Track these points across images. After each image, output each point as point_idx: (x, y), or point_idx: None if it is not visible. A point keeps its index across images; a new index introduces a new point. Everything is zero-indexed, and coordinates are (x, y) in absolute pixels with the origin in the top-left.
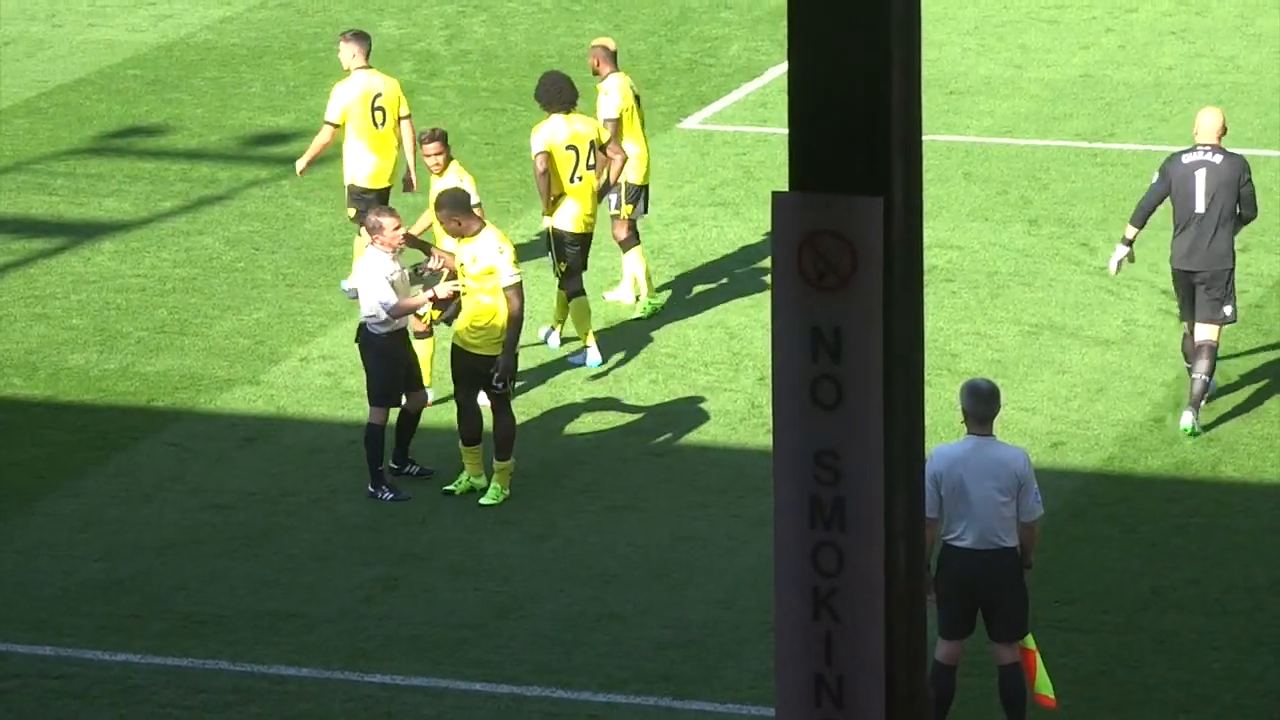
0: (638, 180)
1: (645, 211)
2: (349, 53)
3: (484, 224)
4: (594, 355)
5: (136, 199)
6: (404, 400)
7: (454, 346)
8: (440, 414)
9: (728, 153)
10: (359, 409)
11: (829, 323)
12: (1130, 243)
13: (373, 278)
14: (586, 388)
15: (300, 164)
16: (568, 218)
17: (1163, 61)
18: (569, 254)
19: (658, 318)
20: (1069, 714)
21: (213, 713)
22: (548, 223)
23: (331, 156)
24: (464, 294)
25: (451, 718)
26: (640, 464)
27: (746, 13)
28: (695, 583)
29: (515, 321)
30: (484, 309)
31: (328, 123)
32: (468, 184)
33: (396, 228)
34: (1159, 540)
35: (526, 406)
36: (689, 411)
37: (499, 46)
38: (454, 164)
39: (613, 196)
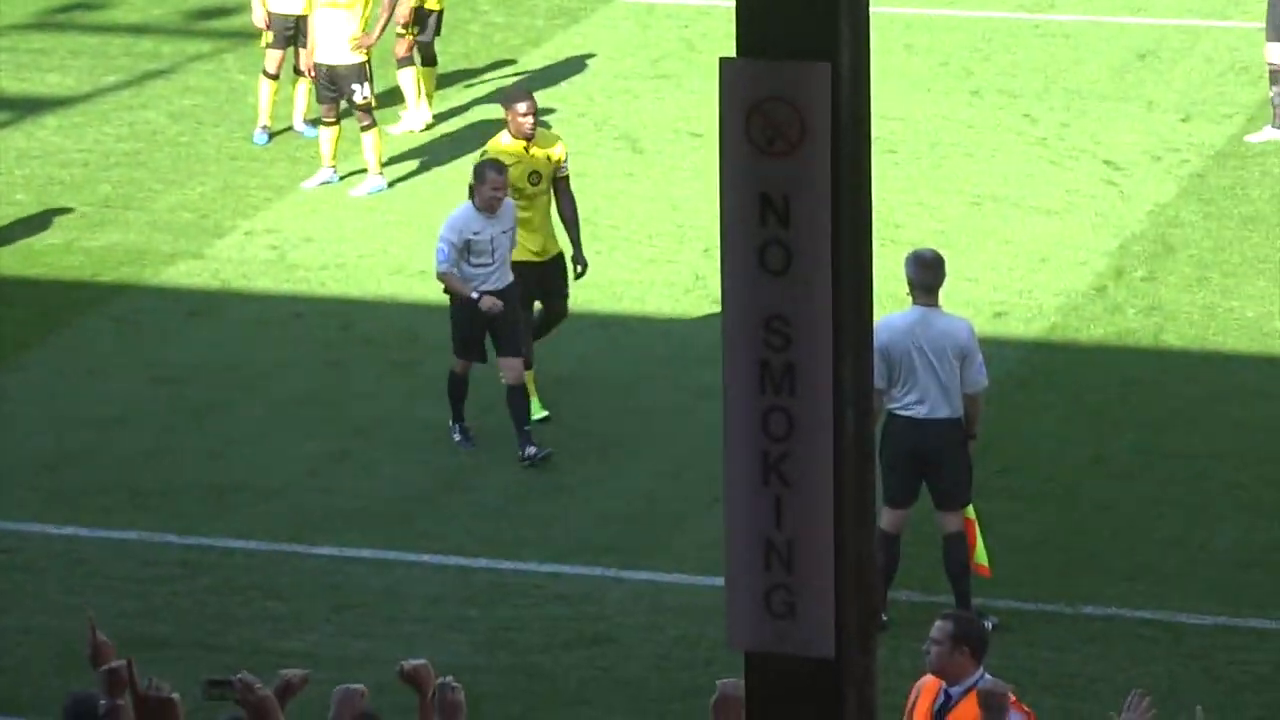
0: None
1: (438, 34)
2: None
3: None
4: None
5: (79, 74)
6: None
7: None
8: None
9: (669, 25)
10: (303, 282)
11: (777, 188)
12: None
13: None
14: None
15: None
16: None
17: None
18: None
19: (603, 191)
20: (1012, 581)
21: (161, 585)
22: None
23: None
24: None
25: (400, 589)
26: (585, 336)
27: None
28: (641, 455)
29: None
30: None
31: None
32: None
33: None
34: (1102, 409)
35: None
36: (633, 283)
37: None
38: None
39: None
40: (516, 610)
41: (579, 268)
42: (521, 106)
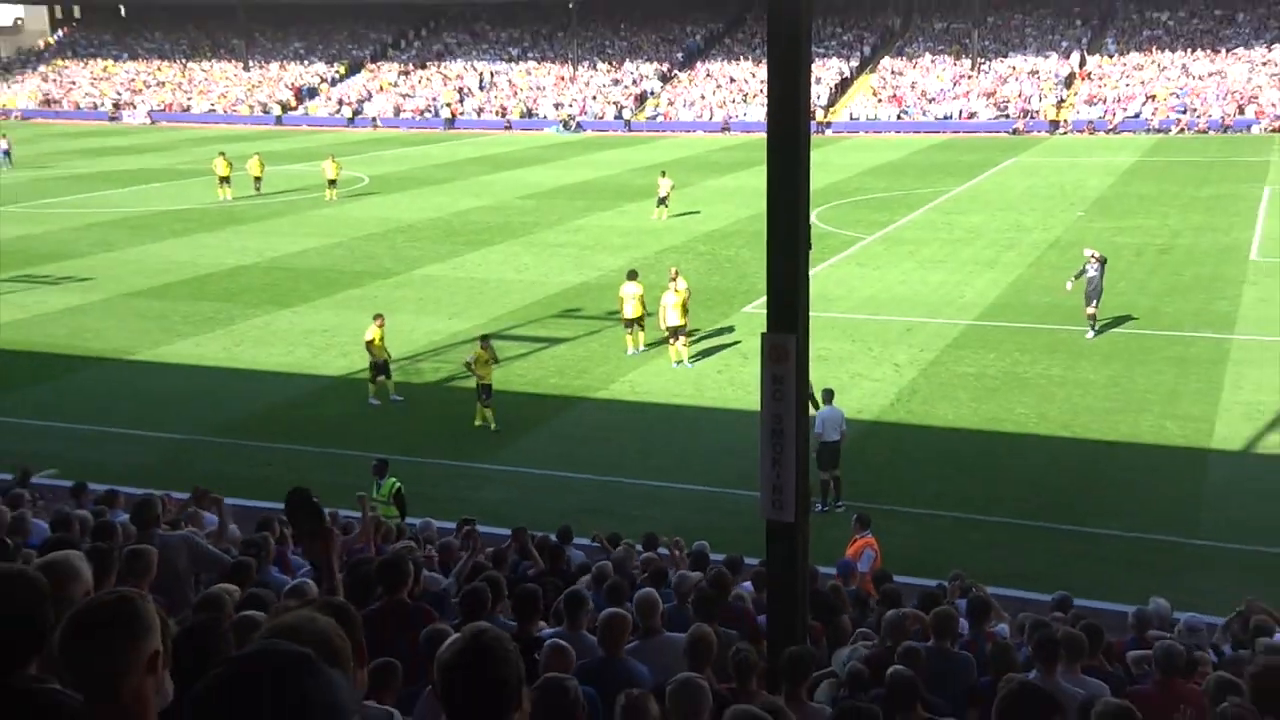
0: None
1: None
2: None
3: None
4: None
5: (569, 330)
6: None
7: None
8: None
9: (761, 322)
10: (639, 397)
11: (779, 373)
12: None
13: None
14: (670, 373)
15: None
16: None
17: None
18: None
19: (731, 372)
20: (862, 497)
21: (562, 497)
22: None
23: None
24: None
25: (660, 497)
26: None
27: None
28: (723, 462)
29: None
30: None
31: None
32: None
33: None
34: (896, 446)
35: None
36: (725, 388)
37: None
38: None
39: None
40: (694, 508)
41: None
42: None
